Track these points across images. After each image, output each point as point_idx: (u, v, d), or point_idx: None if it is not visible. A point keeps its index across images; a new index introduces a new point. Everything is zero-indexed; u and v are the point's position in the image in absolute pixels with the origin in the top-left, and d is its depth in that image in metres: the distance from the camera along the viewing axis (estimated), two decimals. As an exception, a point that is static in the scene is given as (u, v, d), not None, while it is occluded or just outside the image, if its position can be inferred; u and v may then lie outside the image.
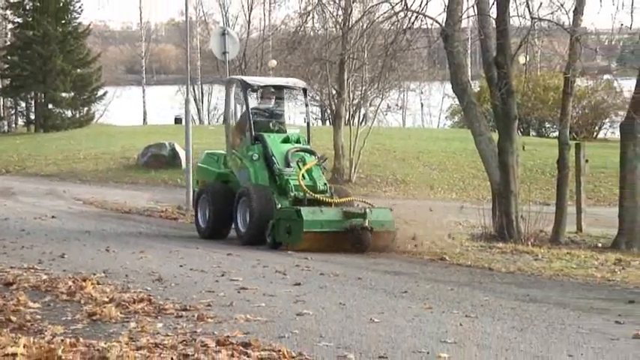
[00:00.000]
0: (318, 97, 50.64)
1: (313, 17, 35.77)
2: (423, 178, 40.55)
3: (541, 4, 26.87)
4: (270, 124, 23.01)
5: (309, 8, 34.33)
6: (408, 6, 26.94)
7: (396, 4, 27.42)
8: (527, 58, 34.76)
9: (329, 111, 46.89)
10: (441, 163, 42.41)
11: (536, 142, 47.13)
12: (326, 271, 17.47)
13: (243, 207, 21.74)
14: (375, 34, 32.55)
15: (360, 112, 42.23)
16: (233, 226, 22.75)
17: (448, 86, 32.77)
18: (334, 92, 41.39)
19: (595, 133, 59.73)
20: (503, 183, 24.56)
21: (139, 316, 12.38)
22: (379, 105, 44.17)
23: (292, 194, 21.52)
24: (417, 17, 27.54)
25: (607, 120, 60.26)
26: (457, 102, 36.91)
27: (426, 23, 29.02)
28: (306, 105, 25.07)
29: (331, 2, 36.84)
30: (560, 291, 15.69)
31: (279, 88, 24.06)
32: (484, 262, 19.38)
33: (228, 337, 10.91)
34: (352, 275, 17.14)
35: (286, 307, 13.49)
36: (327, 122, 55.44)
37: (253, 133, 22.49)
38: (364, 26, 32.55)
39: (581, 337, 11.73)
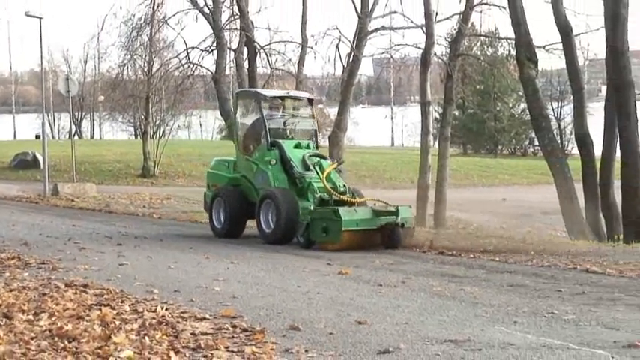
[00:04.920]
0: (132, 121, 50.06)
1: (128, 67, 35.19)
2: (202, 173, 40.20)
3: (277, 59, 27.22)
4: (281, 132, 17.58)
5: (125, 61, 33.79)
6: (191, 60, 26.95)
7: (183, 58, 27.43)
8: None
9: (139, 129, 46.06)
10: (214, 162, 42.27)
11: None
12: (138, 235, 17.28)
13: (268, 209, 16.20)
14: (169, 78, 32.24)
15: (160, 129, 41.69)
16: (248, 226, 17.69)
17: (218, 112, 32.76)
18: (143, 117, 40.90)
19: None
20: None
21: (11, 268, 12.14)
22: (173, 125, 43.96)
23: (318, 196, 16.05)
24: (196, 67, 27.63)
25: (320, 134, 61.06)
26: (224, 122, 36.82)
27: (203, 71, 29.10)
28: (313, 114, 18.43)
29: (139, 57, 36.32)
30: (293, 246, 15.74)
31: (286, 99, 18.41)
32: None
33: (73, 280, 10.79)
34: (156, 237, 16.99)
35: (112, 260, 13.33)
36: (138, 137, 54.52)
37: (269, 139, 17.02)
38: (162, 73, 32.25)
39: (305, 274, 11.87)
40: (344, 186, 16.35)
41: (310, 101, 18.35)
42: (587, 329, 7.92)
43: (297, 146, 17.17)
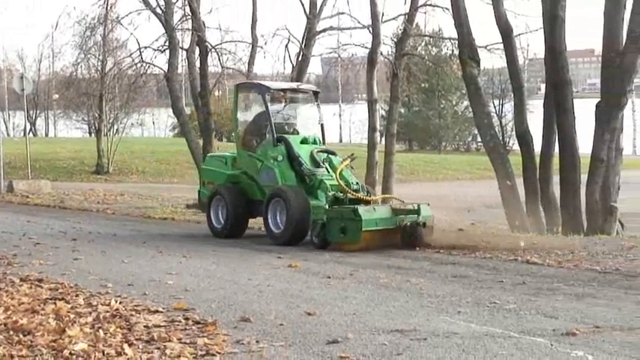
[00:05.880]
0: (86, 118, 49.61)
1: (81, 66, 34.80)
2: (155, 169, 40.15)
3: (228, 58, 27.19)
4: (286, 126, 16.03)
5: (79, 60, 33.42)
6: (143, 59, 26.74)
7: (136, 57, 27.22)
8: (220, 92, 34.68)
9: (93, 127, 45.58)
10: (166, 159, 42.00)
11: (224, 145, 47.26)
12: (92, 231, 17.12)
13: (276, 207, 14.71)
14: (122, 77, 31.92)
15: (114, 127, 41.34)
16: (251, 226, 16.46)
17: (170, 110, 32.54)
18: (97, 115, 40.56)
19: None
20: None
21: (-34, 264, 11.95)
22: (126, 122, 43.70)
23: (331, 194, 14.56)
24: (149, 66, 27.44)
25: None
26: (176, 120, 36.65)
27: (156, 70, 28.90)
28: (319, 107, 16.69)
29: (93, 56, 35.95)
30: (241, 241, 15.67)
31: (289, 91, 16.83)
32: (195, 220, 19.30)
33: (28, 275, 10.69)
34: (110, 232, 16.85)
35: (67, 254, 13.21)
36: (92, 134, 54.01)
37: (275, 134, 15.46)
38: (115, 72, 31.94)
39: (256, 267, 11.85)
40: (357, 183, 14.98)
41: (316, 94, 16.78)
42: (527, 318, 8.00)
43: (304, 141, 15.70)
